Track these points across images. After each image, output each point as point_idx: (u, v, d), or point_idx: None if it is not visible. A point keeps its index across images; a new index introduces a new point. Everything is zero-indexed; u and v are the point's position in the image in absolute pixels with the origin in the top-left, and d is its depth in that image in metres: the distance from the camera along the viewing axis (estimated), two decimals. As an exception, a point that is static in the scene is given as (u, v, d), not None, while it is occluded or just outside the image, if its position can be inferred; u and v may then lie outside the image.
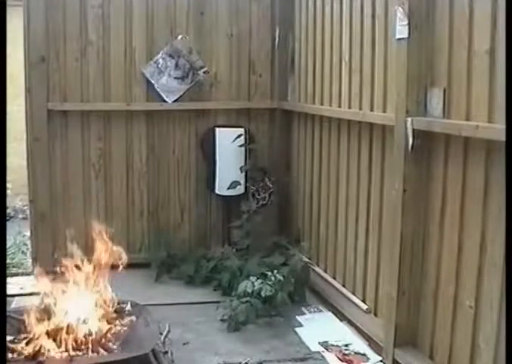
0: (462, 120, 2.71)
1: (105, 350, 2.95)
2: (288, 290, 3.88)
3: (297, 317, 3.92)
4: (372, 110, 3.56)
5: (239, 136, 4.82)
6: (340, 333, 3.70)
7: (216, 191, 4.92)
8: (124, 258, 3.25)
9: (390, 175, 3.29)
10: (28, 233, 5.02)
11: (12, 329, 2.97)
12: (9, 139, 5.06)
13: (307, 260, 4.30)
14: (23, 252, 5.23)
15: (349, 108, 3.86)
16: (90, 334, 2.99)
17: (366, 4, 3.57)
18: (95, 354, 2.91)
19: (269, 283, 3.80)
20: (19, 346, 2.87)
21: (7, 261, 4.76)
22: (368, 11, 3.56)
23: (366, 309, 3.68)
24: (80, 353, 2.90)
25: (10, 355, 2.80)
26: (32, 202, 4.71)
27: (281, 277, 3.85)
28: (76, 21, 4.63)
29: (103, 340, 2.98)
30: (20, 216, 6.51)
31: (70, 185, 4.76)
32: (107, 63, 4.71)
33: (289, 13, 4.84)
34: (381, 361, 3.32)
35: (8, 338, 2.87)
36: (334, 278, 4.17)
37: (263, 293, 3.74)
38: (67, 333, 2.99)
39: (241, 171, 4.87)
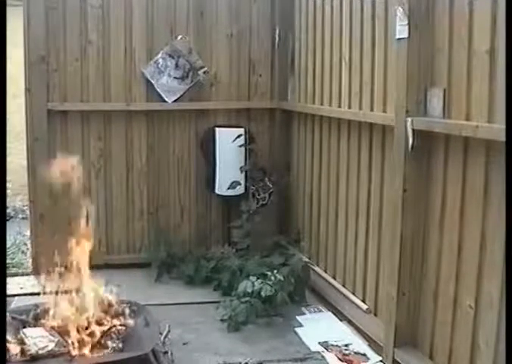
0: (462, 120, 2.71)
1: (105, 350, 2.94)
2: (288, 290, 3.88)
3: (297, 317, 3.92)
4: (372, 110, 3.56)
5: (239, 136, 4.82)
6: (340, 333, 3.70)
7: (217, 191, 4.92)
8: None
9: (390, 175, 3.29)
10: (28, 233, 5.02)
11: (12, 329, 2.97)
12: (9, 139, 5.08)
13: (307, 260, 4.30)
14: (23, 252, 5.23)
15: (349, 108, 3.86)
16: (90, 334, 2.99)
17: (366, 4, 3.57)
18: (95, 354, 2.91)
19: (269, 283, 3.80)
20: (19, 346, 2.87)
21: (7, 261, 4.76)
22: (368, 11, 3.56)
23: (366, 309, 3.68)
24: (80, 353, 2.91)
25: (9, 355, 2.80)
26: (32, 202, 4.71)
27: (281, 277, 3.85)
28: (76, 21, 4.63)
29: (103, 340, 2.98)
30: (20, 216, 6.51)
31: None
32: (107, 63, 4.71)
33: (289, 13, 4.84)
34: (381, 361, 3.32)
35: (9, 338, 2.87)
36: (334, 278, 4.17)
37: (263, 293, 3.75)
38: (68, 333, 2.99)
39: (241, 171, 4.87)
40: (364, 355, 3.41)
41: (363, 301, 3.74)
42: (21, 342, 2.89)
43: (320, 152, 4.39)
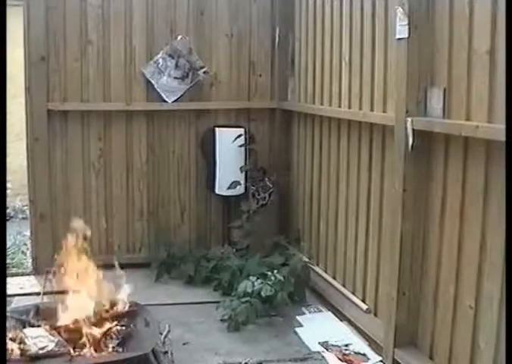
0: (462, 120, 2.71)
1: (105, 350, 2.94)
2: (288, 290, 3.88)
3: (297, 317, 3.92)
4: (372, 110, 3.56)
5: (239, 136, 4.82)
6: (340, 333, 3.70)
7: (217, 191, 4.92)
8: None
9: (390, 175, 3.29)
10: (28, 233, 5.02)
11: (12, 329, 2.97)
12: (9, 139, 5.08)
13: (307, 260, 4.30)
14: (23, 252, 5.23)
15: (349, 108, 3.86)
16: (90, 334, 2.99)
17: (366, 4, 3.57)
18: (95, 354, 2.91)
19: (269, 283, 3.80)
20: (19, 346, 2.87)
21: (7, 261, 4.76)
22: (368, 11, 3.56)
23: (366, 309, 3.68)
24: (80, 353, 2.91)
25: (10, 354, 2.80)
26: (32, 202, 4.71)
27: (281, 277, 3.85)
28: (76, 21, 4.62)
29: (103, 340, 2.98)
30: (20, 216, 6.51)
31: (70, 185, 4.76)
32: (107, 63, 4.71)
33: (289, 13, 4.84)
34: (381, 361, 3.32)
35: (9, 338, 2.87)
36: (334, 278, 4.17)
37: (263, 293, 3.75)
38: (68, 332, 3.00)
39: (241, 171, 4.87)
40: (364, 355, 3.41)
41: (363, 301, 3.73)
42: (21, 342, 2.89)
43: (319, 152, 4.39)
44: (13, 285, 4.31)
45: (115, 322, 3.12)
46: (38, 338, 2.90)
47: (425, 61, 2.97)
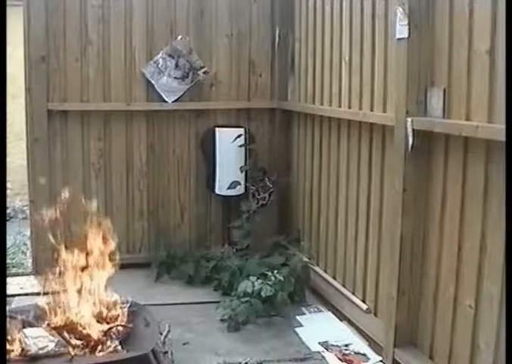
0: (462, 120, 2.72)
1: (105, 350, 2.94)
2: (288, 290, 3.88)
3: (297, 317, 3.92)
4: (372, 110, 3.56)
5: (239, 136, 4.82)
6: (340, 333, 3.70)
7: (217, 191, 4.92)
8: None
9: (390, 175, 3.30)
10: (28, 233, 5.01)
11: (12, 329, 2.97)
12: (9, 139, 5.08)
13: (307, 260, 4.30)
14: (23, 252, 5.23)
15: (349, 108, 3.86)
16: (90, 334, 2.99)
17: (366, 4, 3.58)
18: (95, 354, 2.91)
19: (269, 283, 3.80)
20: (19, 346, 2.87)
21: (7, 261, 4.76)
22: (368, 11, 3.56)
23: (366, 309, 3.68)
24: (80, 353, 2.91)
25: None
26: (32, 202, 4.71)
27: (281, 278, 3.85)
28: (76, 21, 4.62)
29: (103, 340, 2.98)
30: (20, 216, 6.51)
31: (70, 185, 4.75)
32: (107, 63, 4.71)
33: (289, 13, 4.84)
34: (381, 361, 3.32)
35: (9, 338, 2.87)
36: (334, 278, 4.17)
37: (263, 293, 3.75)
38: (68, 332, 2.99)
39: (241, 171, 4.87)
40: (364, 355, 3.41)
41: (363, 301, 3.74)
42: (21, 342, 2.89)
43: (319, 152, 4.39)
44: (13, 285, 4.32)
45: (115, 322, 3.12)
46: (38, 338, 2.90)
47: (425, 61, 2.97)
